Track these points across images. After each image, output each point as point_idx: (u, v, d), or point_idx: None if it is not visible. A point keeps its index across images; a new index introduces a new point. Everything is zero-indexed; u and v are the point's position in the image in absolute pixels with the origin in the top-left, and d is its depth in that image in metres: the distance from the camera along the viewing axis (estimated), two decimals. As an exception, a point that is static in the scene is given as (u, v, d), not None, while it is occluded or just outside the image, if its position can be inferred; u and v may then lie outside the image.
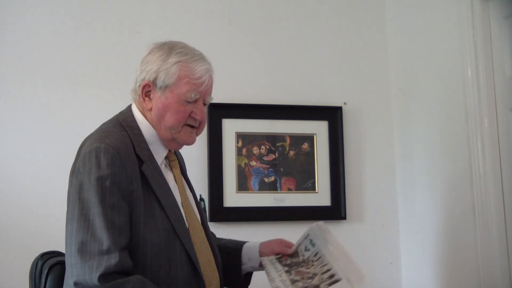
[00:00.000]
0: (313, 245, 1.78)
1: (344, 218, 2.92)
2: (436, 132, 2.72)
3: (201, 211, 1.88)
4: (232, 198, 2.82)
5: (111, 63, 2.76)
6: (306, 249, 1.78)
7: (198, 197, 1.93)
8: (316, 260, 1.77)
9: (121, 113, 1.78)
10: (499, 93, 2.41)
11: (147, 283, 1.54)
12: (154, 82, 1.71)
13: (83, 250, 1.52)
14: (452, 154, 2.59)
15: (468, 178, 2.45)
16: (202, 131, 1.81)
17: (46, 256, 1.80)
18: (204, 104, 1.77)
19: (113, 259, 1.50)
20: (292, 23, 3.03)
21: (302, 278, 1.69)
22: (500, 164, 2.38)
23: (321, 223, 1.84)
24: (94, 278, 1.48)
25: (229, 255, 1.92)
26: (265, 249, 1.91)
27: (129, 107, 1.79)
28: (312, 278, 1.69)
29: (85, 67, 2.76)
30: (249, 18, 2.99)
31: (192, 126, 1.75)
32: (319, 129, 2.97)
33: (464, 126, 2.48)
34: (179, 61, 1.69)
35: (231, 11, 2.96)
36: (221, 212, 2.78)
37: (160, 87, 1.70)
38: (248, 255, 1.92)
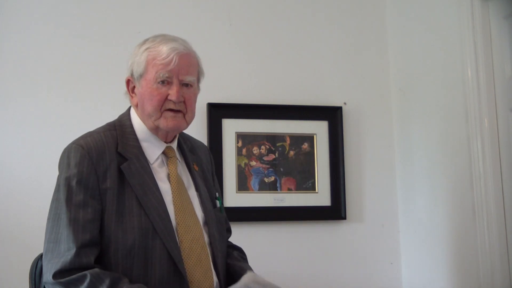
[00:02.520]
0: None
1: (344, 218, 2.92)
2: (436, 132, 2.72)
3: (207, 209, 1.81)
4: (232, 198, 2.82)
5: (111, 63, 2.76)
6: None
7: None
8: None
9: (122, 113, 1.82)
10: (499, 93, 2.41)
11: (105, 275, 1.53)
12: (132, 76, 1.75)
13: (49, 249, 1.57)
14: (452, 154, 2.59)
15: (468, 178, 2.45)
16: (192, 116, 1.76)
17: (46, 256, 1.81)
18: (184, 85, 1.72)
19: (69, 256, 1.53)
20: (292, 23, 3.03)
21: None
22: (500, 164, 2.38)
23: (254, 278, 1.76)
24: (51, 274, 1.53)
25: (232, 279, 1.82)
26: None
27: (129, 107, 1.82)
28: None
29: (86, 67, 2.76)
30: (249, 18, 2.99)
31: (173, 110, 1.71)
32: (319, 129, 2.97)
33: (464, 126, 2.48)
34: (147, 48, 1.72)
35: (231, 11, 2.96)
36: (221, 212, 2.78)
37: (137, 79, 1.73)
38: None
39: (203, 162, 1.94)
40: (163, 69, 1.69)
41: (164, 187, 1.71)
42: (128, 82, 1.77)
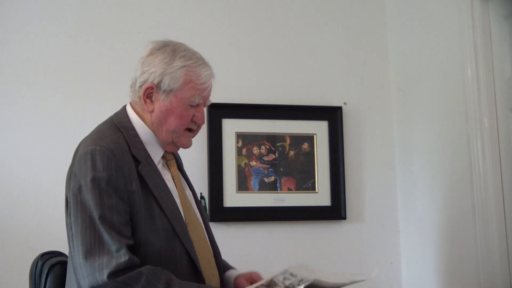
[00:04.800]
0: (295, 276, 1.75)
1: (344, 218, 2.92)
2: (436, 132, 2.72)
3: (201, 209, 1.88)
4: (232, 198, 2.82)
5: (111, 63, 2.76)
6: (286, 279, 1.76)
7: (199, 196, 1.94)
8: (302, 283, 1.75)
9: (116, 113, 1.79)
10: (499, 93, 2.41)
11: (159, 272, 1.55)
12: (158, 85, 1.70)
13: (90, 251, 1.53)
14: (452, 154, 2.59)
15: (468, 178, 2.45)
16: (197, 133, 1.82)
17: (46, 256, 1.81)
18: (203, 106, 1.79)
19: (122, 257, 1.51)
20: (292, 23, 3.03)
21: None
22: (500, 164, 2.38)
23: (301, 263, 1.81)
24: (104, 274, 1.49)
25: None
26: (240, 278, 1.83)
27: (124, 107, 1.79)
28: None
29: (85, 67, 2.76)
30: (249, 18, 2.99)
31: (190, 130, 1.77)
32: (319, 129, 2.97)
33: (464, 126, 2.48)
34: (184, 66, 1.70)
35: (231, 11, 2.96)
36: (221, 212, 2.78)
37: (164, 91, 1.70)
38: (226, 283, 1.87)
39: (180, 163, 1.96)
40: (200, 94, 1.72)
41: (172, 188, 1.73)
42: (148, 88, 1.71)
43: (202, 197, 1.95)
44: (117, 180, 1.58)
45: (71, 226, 1.59)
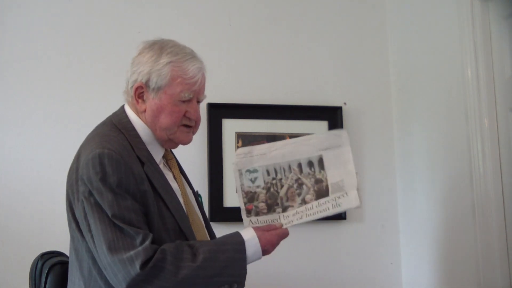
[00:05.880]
0: (255, 171, 1.74)
1: (344, 218, 2.92)
2: (436, 132, 2.72)
3: (200, 207, 1.89)
4: (232, 198, 2.81)
5: (111, 63, 2.76)
6: (253, 180, 1.75)
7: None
8: (277, 175, 1.75)
9: (114, 114, 1.78)
10: (499, 93, 2.41)
11: (179, 244, 1.57)
12: (146, 84, 1.71)
13: (115, 247, 1.52)
14: (452, 154, 2.59)
15: (468, 178, 2.45)
16: (197, 129, 1.81)
17: (46, 256, 1.81)
18: (198, 102, 1.77)
19: (148, 246, 1.52)
20: (292, 23, 3.03)
21: (290, 200, 1.69)
22: (500, 164, 2.38)
23: (238, 152, 1.81)
24: (137, 266, 1.49)
25: None
26: None
27: (122, 108, 1.79)
28: (299, 187, 1.69)
29: (85, 67, 2.76)
30: (249, 18, 2.99)
31: (188, 126, 1.76)
32: (319, 129, 2.96)
33: (464, 126, 2.48)
34: (170, 61, 1.70)
35: (231, 11, 2.96)
36: (221, 212, 2.78)
37: (153, 89, 1.70)
38: None
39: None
40: (189, 89, 1.71)
41: (175, 188, 1.74)
42: (138, 88, 1.72)
43: (198, 194, 1.96)
44: (127, 182, 1.57)
45: (89, 228, 1.57)
